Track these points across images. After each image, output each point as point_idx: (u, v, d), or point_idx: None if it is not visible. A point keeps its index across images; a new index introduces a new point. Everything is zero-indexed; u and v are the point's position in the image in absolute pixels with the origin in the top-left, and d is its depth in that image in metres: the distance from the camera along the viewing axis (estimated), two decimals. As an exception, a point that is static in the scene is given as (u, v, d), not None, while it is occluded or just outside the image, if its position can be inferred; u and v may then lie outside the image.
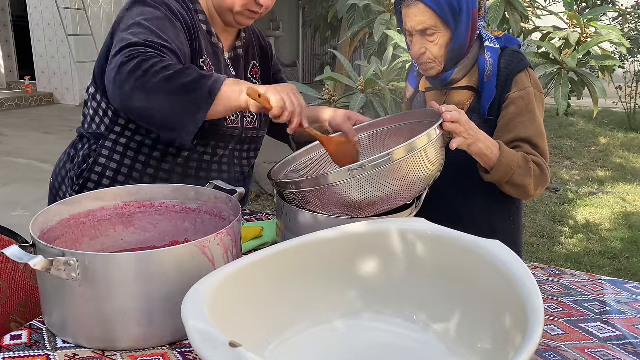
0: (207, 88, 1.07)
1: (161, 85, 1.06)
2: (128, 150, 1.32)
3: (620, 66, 5.09)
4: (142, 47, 1.10)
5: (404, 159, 1.04)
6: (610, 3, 5.06)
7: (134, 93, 1.07)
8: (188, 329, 0.66)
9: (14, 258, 0.84)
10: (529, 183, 1.29)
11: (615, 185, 5.04)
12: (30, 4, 8.16)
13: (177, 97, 1.07)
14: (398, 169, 1.04)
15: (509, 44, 1.39)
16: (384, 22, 2.75)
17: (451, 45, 1.32)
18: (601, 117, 8.19)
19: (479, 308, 0.88)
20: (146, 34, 1.14)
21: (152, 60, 1.07)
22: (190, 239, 1.20)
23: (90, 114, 1.37)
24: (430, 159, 1.08)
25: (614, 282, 1.26)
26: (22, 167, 4.99)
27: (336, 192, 1.06)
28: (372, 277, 0.98)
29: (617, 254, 3.53)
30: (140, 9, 1.22)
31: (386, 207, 1.10)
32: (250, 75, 1.47)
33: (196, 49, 1.28)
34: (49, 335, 0.94)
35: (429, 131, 1.07)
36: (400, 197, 1.09)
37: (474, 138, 1.20)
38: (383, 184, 1.05)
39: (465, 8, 1.28)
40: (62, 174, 1.41)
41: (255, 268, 0.87)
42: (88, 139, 1.37)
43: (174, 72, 1.07)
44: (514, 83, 1.33)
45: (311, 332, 0.93)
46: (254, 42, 1.50)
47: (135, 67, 1.06)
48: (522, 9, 2.67)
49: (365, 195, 1.05)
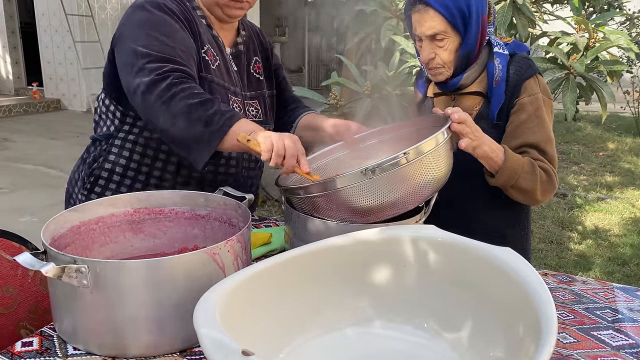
0: (220, 124, 1.12)
1: (184, 111, 1.12)
2: (137, 145, 1.36)
3: (628, 71, 5.07)
4: (165, 62, 1.17)
5: (416, 160, 1.04)
6: (618, 8, 5.04)
7: (160, 114, 1.14)
8: (200, 337, 0.66)
9: (26, 265, 0.85)
10: (535, 188, 1.29)
11: (623, 190, 5.01)
12: (38, 11, 8.23)
13: (194, 126, 1.13)
14: (409, 171, 1.04)
15: (518, 50, 1.39)
16: (391, 28, 2.76)
17: (460, 50, 1.32)
18: (609, 122, 8.14)
19: (491, 316, 0.87)
20: (160, 47, 1.19)
21: (180, 85, 1.14)
22: (200, 246, 1.20)
23: (102, 118, 1.41)
24: (440, 160, 1.09)
25: (626, 289, 1.25)
26: (30, 173, 5.02)
27: (345, 197, 1.06)
28: (382, 284, 0.97)
29: (627, 260, 3.50)
30: (141, 15, 1.25)
31: (396, 211, 1.09)
32: (253, 71, 1.49)
33: (197, 41, 1.31)
34: (60, 342, 0.94)
35: (438, 133, 1.07)
36: (411, 200, 1.09)
37: (480, 140, 1.21)
38: (394, 187, 1.04)
39: (475, 14, 1.28)
40: (76, 177, 1.44)
41: (266, 275, 0.87)
42: (100, 141, 1.41)
43: (198, 102, 1.13)
44: (523, 89, 1.33)
45: (322, 339, 0.93)
46: (254, 39, 1.53)
47: (165, 91, 1.13)
48: (529, 13, 2.67)
49: (377, 199, 1.05)
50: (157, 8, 1.26)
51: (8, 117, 7.73)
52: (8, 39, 8.70)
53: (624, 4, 5.28)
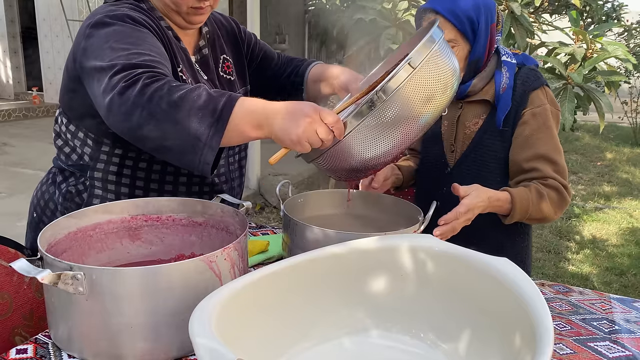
0: (217, 114, 0.95)
1: (168, 111, 0.95)
2: (122, 177, 1.24)
3: (625, 81, 5.09)
4: (133, 69, 0.99)
5: (425, 60, 0.95)
6: (616, 19, 5.07)
7: (144, 123, 0.96)
8: (196, 347, 0.66)
9: (22, 272, 0.84)
10: (549, 214, 1.32)
11: (621, 200, 5.01)
12: (39, 16, 8.25)
13: (187, 126, 0.95)
14: (421, 78, 0.96)
15: (526, 62, 1.42)
16: (390, 37, 2.77)
17: (469, 58, 1.34)
18: (607, 132, 8.17)
19: (488, 327, 0.87)
20: (127, 55, 1.03)
21: (154, 84, 0.96)
22: (197, 253, 1.20)
23: (70, 145, 1.27)
24: (444, 59, 1.00)
25: (623, 300, 1.25)
26: (29, 178, 5.01)
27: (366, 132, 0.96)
28: (380, 293, 0.97)
29: (625, 271, 3.50)
30: (103, 31, 1.09)
31: (416, 131, 1.00)
32: (223, 73, 1.38)
33: (172, 59, 1.21)
34: (55, 349, 0.94)
35: (428, 34, 0.99)
36: (436, 106, 1.00)
37: (474, 212, 1.22)
38: (409, 103, 0.96)
39: (484, 22, 1.30)
40: (51, 207, 1.32)
41: (262, 284, 0.87)
42: (72, 172, 1.29)
43: (182, 94, 0.95)
44: (530, 100, 1.35)
45: (319, 348, 0.92)
46: (219, 32, 1.41)
47: (139, 94, 0.95)
48: (527, 24, 2.68)
49: (392, 126, 0.96)
50: (120, 20, 1.11)
51: (7, 121, 7.72)
52: (9, 43, 8.72)
53: (622, 15, 5.32)
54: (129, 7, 1.19)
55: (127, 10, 1.16)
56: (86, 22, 1.14)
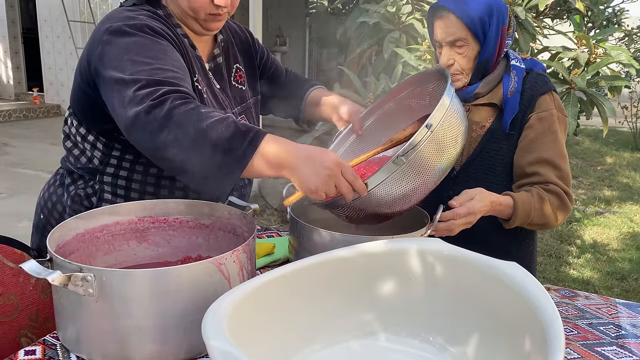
0: (243, 149, 0.96)
1: (196, 139, 0.96)
2: (132, 182, 1.24)
3: (626, 86, 5.11)
4: (157, 85, 1.00)
5: (440, 122, 1.06)
6: (617, 24, 5.09)
7: (169, 146, 0.97)
8: (210, 349, 0.66)
9: (32, 273, 0.84)
10: (550, 219, 1.32)
11: (622, 205, 5.02)
12: (41, 17, 8.26)
13: (211, 155, 0.96)
14: (436, 139, 1.07)
15: (534, 66, 1.42)
16: (394, 40, 2.78)
17: (479, 58, 1.34)
18: (607, 137, 8.15)
19: (497, 331, 0.87)
20: (150, 71, 1.03)
21: (182, 106, 0.98)
22: (204, 255, 1.20)
23: (79, 148, 1.27)
24: (457, 117, 1.11)
25: (629, 305, 1.25)
26: (29, 178, 5.01)
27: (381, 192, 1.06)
28: (388, 297, 0.97)
29: (626, 275, 3.50)
30: (123, 40, 1.08)
31: (432, 184, 1.12)
32: (235, 82, 1.39)
33: (189, 68, 1.20)
34: (63, 351, 0.94)
35: (444, 97, 1.09)
36: (444, 164, 1.11)
37: (475, 216, 1.22)
38: (427, 162, 1.07)
39: (495, 23, 1.31)
40: (58, 210, 1.31)
41: (272, 286, 0.87)
42: (80, 175, 1.28)
43: (210, 123, 0.96)
44: (537, 104, 1.35)
45: (327, 352, 0.92)
46: (233, 40, 1.42)
47: (167, 115, 0.96)
48: (531, 28, 2.69)
49: (411, 182, 1.07)
50: (140, 30, 1.10)
51: (8, 122, 7.72)
52: (10, 44, 8.72)
53: (623, 20, 5.33)
54: (147, 14, 1.18)
55: (146, 18, 1.15)
56: (103, 27, 1.13)
